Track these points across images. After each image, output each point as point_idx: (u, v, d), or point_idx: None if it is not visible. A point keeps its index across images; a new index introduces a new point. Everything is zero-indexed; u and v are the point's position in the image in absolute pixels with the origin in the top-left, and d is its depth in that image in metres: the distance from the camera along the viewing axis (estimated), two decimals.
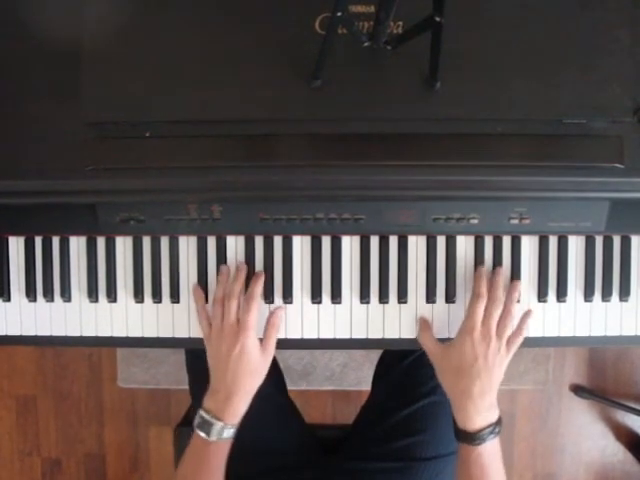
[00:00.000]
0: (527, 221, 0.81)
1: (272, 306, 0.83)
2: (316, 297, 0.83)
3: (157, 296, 0.84)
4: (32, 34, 0.77)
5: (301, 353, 1.62)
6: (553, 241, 0.83)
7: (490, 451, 0.75)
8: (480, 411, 0.75)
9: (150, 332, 0.85)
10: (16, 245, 0.85)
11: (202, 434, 0.77)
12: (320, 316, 0.84)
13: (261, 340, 0.80)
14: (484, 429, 0.74)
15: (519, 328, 0.80)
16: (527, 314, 0.81)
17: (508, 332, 0.78)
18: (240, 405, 0.78)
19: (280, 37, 0.75)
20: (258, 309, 0.79)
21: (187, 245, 0.84)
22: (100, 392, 1.70)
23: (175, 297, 0.84)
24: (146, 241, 0.84)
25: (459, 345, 0.76)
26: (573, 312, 0.84)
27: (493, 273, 0.81)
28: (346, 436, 1.02)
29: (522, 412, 1.68)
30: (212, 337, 0.79)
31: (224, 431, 0.77)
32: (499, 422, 0.76)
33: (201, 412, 0.78)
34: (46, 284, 0.85)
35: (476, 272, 0.81)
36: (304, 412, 1.04)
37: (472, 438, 0.75)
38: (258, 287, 0.80)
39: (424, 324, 0.82)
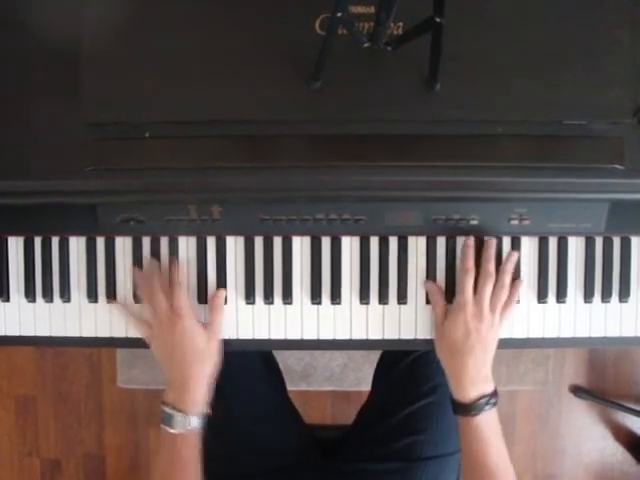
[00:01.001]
0: (527, 222, 0.81)
1: (272, 306, 0.83)
2: (316, 298, 0.83)
3: None
4: (32, 34, 0.77)
5: (301, 354, 1.62)
6: (553, 242, 0.83)
7: (487, 421, 0.76)
8: (475, 382, 0.76)
9: None
10: (15, 245, 0.85)
11: (168, 429, 0.77)
12: (320, 317, 0.84)
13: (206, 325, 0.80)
14: (479, 399, 0.76)
15: (510, 299, 0.79)
16: (518, 283, 0.81)
17: (501, 304, 0.78)
18: (197, 393, 0.78)
19: (280, 38, 0.75)
20: (186, 292, 0.80)
21: (187, 246, 0.83)
22: (100, 393, 1.70)
23: None
24: (146, 242, 0.84)
25: (452, 320, 0.77)
26: (573, 313, 0.84)
27: (484, 246, 0.81)
28: (345, 437, 1.02)
29: (522, 413, 1.68)
30: (154, 333, 0.80)
31: (187, 421, 0.76)
32: (495, 393, 0.77)
33: (162, 407, 0.78)
34: (45, 284, 0.85)
35: (464, 244, 0.81)
36: (304, 413, 1.04)
37: (468, 409, 0.76)
38: (177, 272, 0.81)
39: (436, 291, 0.82)
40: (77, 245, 0.84)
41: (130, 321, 0.83)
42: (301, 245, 0.83)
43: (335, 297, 0.83)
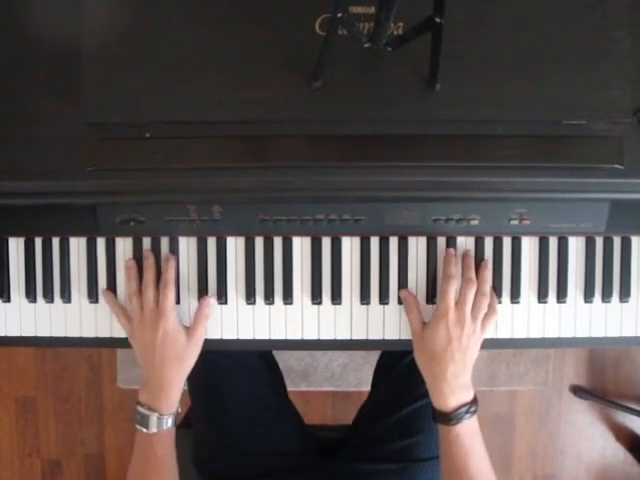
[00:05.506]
0: (527, 222, 0.81)
1: (272, 306, 0.83)
2: (316, 298, 0.83)
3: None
4: (33, 34, 0.77)
5: (301, 354, 1.62)
6: (553, 242, 0.83)
7: (468, 430, 0.76)
8: (455, 391, 0.76)
9: None
10: (16, 246, 0.85)
11: (142, 429, 0.78)
12: (320, 317, 0.84)
13: (188, 328, 0.80)
14: (459, 408, 0.75)
15: (492, 306, 0.79)
16: (493, 292, 0.81)
17: (483, 312, 0.78)
18: (173, 394, 0.78)
19: (280, 38, 0.75)
20: (174, 293, 0.80)
21: (187, 246, 0.84)
22: (100, 393, 1.70)
23: (175, 298, 0.84)
24: (146, 242, 0.84)
25: (433, 328, 0.77)
26: (573, 313, 0.84)
27: (463, 255, 0.81)
28: (345, 437, 1.02)
29: (522, 413, 1.68)
30: (134, 329, 0.80)
31: (162, 422, 0.77)
32: (474, 401, 0.77)
33: (137, 407, 0.78)
34: (46, 285, 0.85)
35: (445, 254, 0.81)
36: (304, 413, 1.04)
37: (448, 418, 0.75)
38: (171, 272, 0.80)
39: (411, 301, 0.81)
40: (77, 246, 0.84)
41: (114, 311, 0.83)
42: (301, 245, 0.83)
43: (335, 297, 0.83)
